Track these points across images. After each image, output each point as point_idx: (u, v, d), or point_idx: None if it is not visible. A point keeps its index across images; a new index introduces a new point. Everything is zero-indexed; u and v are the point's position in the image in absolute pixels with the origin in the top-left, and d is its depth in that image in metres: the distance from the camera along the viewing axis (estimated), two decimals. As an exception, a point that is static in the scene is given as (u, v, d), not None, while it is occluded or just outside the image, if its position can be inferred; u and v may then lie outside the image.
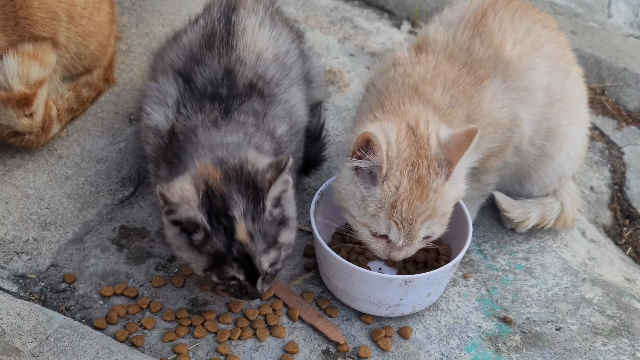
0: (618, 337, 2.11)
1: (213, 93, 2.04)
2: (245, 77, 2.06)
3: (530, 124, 2.12)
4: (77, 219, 2.29)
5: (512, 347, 2.07)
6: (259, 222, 1.82)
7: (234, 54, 2.08)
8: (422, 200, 1.84)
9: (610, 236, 2.55)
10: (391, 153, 1.85)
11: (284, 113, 2.08)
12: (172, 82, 2.10)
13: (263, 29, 2.14)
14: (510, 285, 2.22)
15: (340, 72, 2.85)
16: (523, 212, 2.30)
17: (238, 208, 1.81)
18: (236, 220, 1.80)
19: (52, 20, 2.23)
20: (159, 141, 2.05)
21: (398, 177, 1.85)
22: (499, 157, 2.11)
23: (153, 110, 2.07)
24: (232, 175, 1.83)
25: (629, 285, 2.29)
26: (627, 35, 3.27)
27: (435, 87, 1.99)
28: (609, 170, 2.75)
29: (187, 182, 1.83)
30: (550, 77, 2.13)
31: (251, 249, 1.82)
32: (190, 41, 2.14)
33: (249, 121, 2.01)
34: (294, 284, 2.18)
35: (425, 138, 1.87)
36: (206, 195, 1.81)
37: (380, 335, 2.06)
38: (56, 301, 2.11)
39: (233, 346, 2.02)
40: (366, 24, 3.11)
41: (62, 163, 2.37)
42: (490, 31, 2.08)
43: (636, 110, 2.95)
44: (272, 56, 2.12)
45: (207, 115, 2.01)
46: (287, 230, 1.90)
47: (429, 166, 1.85)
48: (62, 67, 2.36)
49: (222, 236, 1.81)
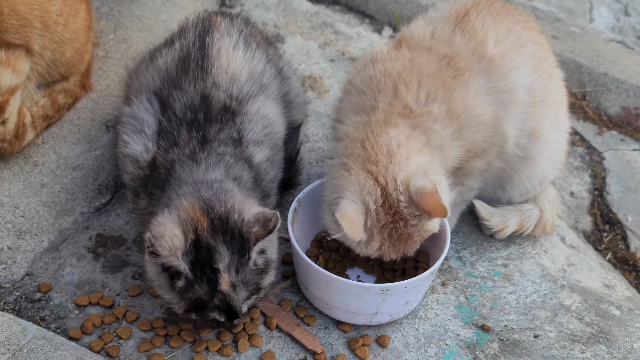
0: (596, 344, 2.11)
1: (191, 120, 2.02)
2: (219, 100, 2.05)
3: (513, 124, 2.12)
4: (52, 227, 2.27)
5: (490, 355, 2.06)
6: (242, 273, 1.84)
7: (209, 78, 2.06)
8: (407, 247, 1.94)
9: (590, 242, 2.55)
10: (370, 222, 1.88)
11: (263, 135, 2.06)
12: (148, 108, 2.08)
13: (237, 51, 2.13)
14: (489, 293, 2.21)
15: (321, 77, 2.83)
16: (502, 220, 2.29)
17: (223, 261, 1.82)
18: (220, 273, 1.81)
19: (24, 27, 2.20)
20: (138, 172, 2.04)
21: (379, 240, 1.90)
22: (483, 158, 2.10)
23: (131, 139, 2.05)
24: (218, 225, 1.84)
25: (607, 292, 2.29)
26: (609, 40, 3.27)
27: (409, 85, 1.98)
28: (590, 175, 2.75)
29: (176, 228, 1.83)
30: (532, 77, 2.13)
31: (233, 298, 1.84)
32: (167, 64, 2.12)
33: (228, 151, 2.00)
34: (272, 293, 2.16)
35: (396, 203, 1.87)
36: (193, 245, 1.82)
37: (358, 343, 2.05)
38: (31, 311, 2.09)
39: (210, 356, 2.01)
40: (347, 29, 3.10)
41: (38, 171, 2.35)
42: (472, 28, 2.08)
43: (617, 115, 2.96)
44: (247, 76, 2.11)
45: (186, 146, 2.00)
46: (269, 274, 1.91)
47: (405, 225, 1.89)
48: (37, 74, 2.34)
49: (205, 285, 1.82)
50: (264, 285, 1.90)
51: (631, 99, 2.93)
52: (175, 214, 1.86)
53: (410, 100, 1.96)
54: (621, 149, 2.84)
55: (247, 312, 1.90)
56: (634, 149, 2.85)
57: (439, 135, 1.97)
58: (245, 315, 1.91)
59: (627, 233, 2.58)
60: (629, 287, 2.38)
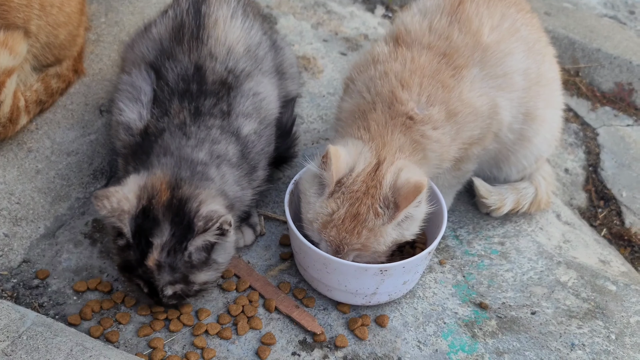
0: (593, 319, 2.12)
1: (184, 90, 2.02)
2: (215, 72, 2.04)
3: (508, 110, 2.12)
4: (48, 214, 2.26)
5: (488, 333, 2.07)
6: (172, 258, 1.85)
7: (204, 48, 2.05)
8: (352, 234, 1.91)
9: (585, 218, 2.56)
10: (346, 180, 1.90)
11: (252, 108, 2.07)
12: (145, 77, 2.08)
13: (235, 21, 2.11)
14: (486, 271, 2.23)
15: (314, 58, 2.82)
16: (499, 198, 2.30)
17: (160, 238, 1.84)
18: (152, 249, 1.84)
19: (27, 7, 2.20)
20: (129, 139, 2.05)
21: (338, 203, 1.90)
22: (480, 144, 2.11)
23: (126, 106, 2.06)
24: (175, 205, 1.86)
25: (603, 267, 2.30)
26: (601, 15, 3.27)
27: (411, 89, 1.98)
28: (584, 151, 2.76)
29: (132, 192, 1.87)
30: (527, 61, 2.13)
31: (155, 276, 1.87)
32: (160, 34, 2.11)
33: (216, 124, 2.01)
34: (270, 275, 2.17)
35: (380, 177, 1.90)
36: (143, 211, 1.85)
37: (357, 324, 2.05)
38: (29, 298, 2.09)
39: (209, 339, 2.01)
40: (340, 8, 3.08)
41: (32, 157, 2.34)
42: (468, 17, 2.06)
43: (610, 91, 2.96)
44: (244, 49, 2.10)
45: (176, 116, 2.00)
46: (205, 272, 1.92)
47: (371, 205, 1.89)
48: (32, 57, 2.33)
49: (137, 253, 1.86)
50: (195, 280, 1.91)
51: (624, 75, 2.94)
52: (143, 179, 1.90)
53: (412, 106, 1.97)
54: (615, 125, 2.85)
55: (171, 296, 1.92)
56: (628, 125, 2.86)
57: (439, 145, 1.99)
58: (170, 299, 1.93)
59: (621, 209, 2.59)
60: (624, 262, 2.39)
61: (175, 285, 1.89)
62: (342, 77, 2.71)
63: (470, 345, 2.04)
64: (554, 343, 2.05)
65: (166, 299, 1.92)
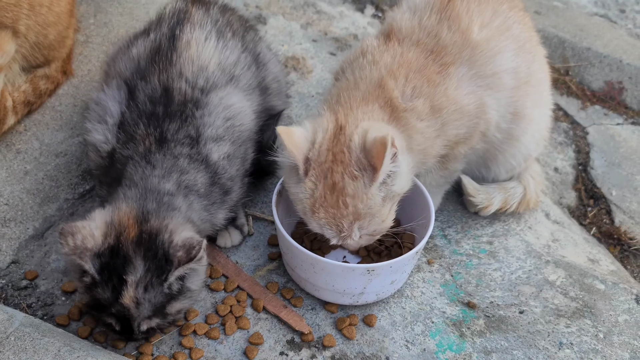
0: (581, 318, 2.13)
1: (150, 112, 2.00)
2: (181, 92, 2.02)
3: (496, 110, 2.11)
4: (37, 215, 2.26)
5: (476, 332, 2.08)
6: (151, 293, 1.82)
7: (173, 69, 2.03)
8: (338, 207, 1.84)
9: (575, 217, 2.56)
10: (312, 154, 1.86)
11: (223, 130, 2.03)
12: (116, 95, 2.06)
13: (208, 42, 2.09)
14: (474, 270, 2.23)
15: (304, 58, 2.83)
16: (487, 197, 2.31)
17: (134, 275, 1.80)
18: (127, 286, 1.80)
19: (15, 6, 2.20)
20: (99, 160, 2.04)
21: (314, 181, 1.86)
22: (467, 144, 2.11)
23: (93, 127, 2.04)
24: (145, 239, 1.83)
25: (592, 266, 2.31)
26: (592, 14, 3.27)
27: (398, 79, 1.97)
28: (574, 150, 2.76)
29: (98, 229, 1.83)
30: (517, 60, 2.12)
31: (132, 314, 1.82)
32: (139, 54, 2.10)
33: (184, 152, 1.97)
34: (258, 275, 2.17)
35: (347, 141, 1.84)
36: (110, 250, 1.81)
37: (345, 323, 2.06)
38: (17, 298, 2.09)
39: (197, 339, 2.02)
40: (329, 8, 3.08)
41: (21, 158, 2.34)
42: (457, 15, 2.05)
43: (600, 89, 2.96)
44: (216, 68, 2.08)
45: (142, 142, 1.97)
46: (181, 301, 1.88)
47: (344, 171, 1.83)
48: (21, 57, 2.33)
49: (108, 292, 1.81)
50: (170, 312, 1.87)
51: (614, 73, 2.94)
52: (109, 214, 1.86)
53: (398, 94, 1.95)
54: (605, 124, 2.85)
55: (145, 332, 1.87)
56: (618, 123, 2.86)
57: (423, 136, 1.96)
58: (143, 335, 1.88)
59: (611, 207, 2.59)
60: (613, 261, 2.40)
61: (151, 319, 1.85)
62: (331, 77, 2.71)
63: (458, 344, 2.04)
64: (542, 342, 2.06)
65: (140, 334, 1.88)
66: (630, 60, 2.93)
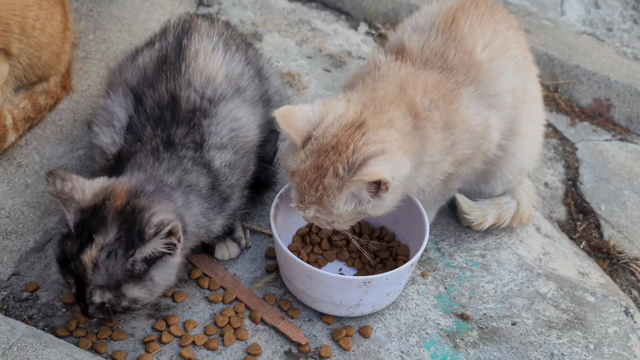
0: (572, 330, 2.17)
1: (158, 117, 2.06)
2: (189, 101, 2.07)
3: (499, 129, 2.15)
4: (38, 227, 2.29)
5: (469, 343, 2.12)
6: (112, 261, 1.84)
7: (181, 79, 2.09)
8: (310, 185, 1.88)
9: (565, 231, 2.61)
10: (316, 132, 1.89)
11: (227, 139, 2.08)
12: (122, 102, 2.11)
13: (215, 53, 2.15)
14: (468, 282, 2.27)
15: (299, 74, 2.87)
16: (481, 214, 2.35)
17: (104, 237, 1.84)
18: (92, 245, 1.83)
19: (5, 32, 2.22)
20: (105, 163, 2.09)
21: (307, 154, 1.89)
22: (469, 164, 2.14)
23: (100, 131, 2.09)
24: (127, 211, 1.86)
25: (582, 279, 2.35)
26: (580, 32, 3.34)
27: (417, 88, 2.00)
28: (563, 166, 2.82)
29: (91, 189, 1.89)
30: (516, 79, 2.15)
31: (87, 274, 1.84)
32: (145, 63, 2.16)
33: (188, 155, 2.03)
34: (256, 287, 2.20)
35: (357, 140, 1.86)
36: (93, 209, 1.86)
37: (341, 335, 2.09)
38: (19, 310, 2.12)
39: (196, 350, 2.05)
40: (324, 26, 3.14)
41: (22, 172, 2.37)
42: (462, 36, 2.08)
43: (589, 106, 3.02)
44: (223, 79, 2.13)
45: (149, 142, 2.03)
46: (138, 287, 1.89)
47: (334, 162, 1.86)
48: (15, 78, 2.35)
49: (75, 245, 1.85)
50: (126, 293, 1.87)
51: (602, 90, 3.00)
52: (109, 182, 1.93)
53: (418, 101, 1.97)
54: (593, 140, 2.91)
55: (98, 306, 1.88)
56: (606, 139, 2.92)
57: (436, 149, 1.99)
58: (97, 309, 1.89)
59: (600, 222, 2.64)
60: (602, 274, 2.44)
61: (104, 292, 1.85)
62: (326, 93, 2.77)
63: (452, 355, 2.08)
64: (534, 353, 2.10)
65: (93, 307, 1.89)
66: (618, 77, 3.00)
